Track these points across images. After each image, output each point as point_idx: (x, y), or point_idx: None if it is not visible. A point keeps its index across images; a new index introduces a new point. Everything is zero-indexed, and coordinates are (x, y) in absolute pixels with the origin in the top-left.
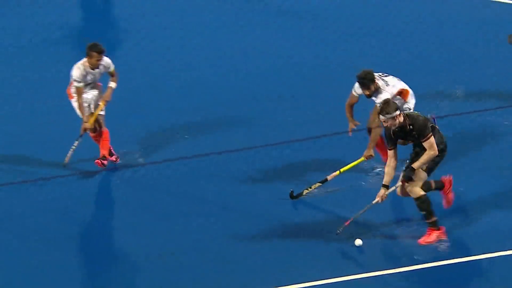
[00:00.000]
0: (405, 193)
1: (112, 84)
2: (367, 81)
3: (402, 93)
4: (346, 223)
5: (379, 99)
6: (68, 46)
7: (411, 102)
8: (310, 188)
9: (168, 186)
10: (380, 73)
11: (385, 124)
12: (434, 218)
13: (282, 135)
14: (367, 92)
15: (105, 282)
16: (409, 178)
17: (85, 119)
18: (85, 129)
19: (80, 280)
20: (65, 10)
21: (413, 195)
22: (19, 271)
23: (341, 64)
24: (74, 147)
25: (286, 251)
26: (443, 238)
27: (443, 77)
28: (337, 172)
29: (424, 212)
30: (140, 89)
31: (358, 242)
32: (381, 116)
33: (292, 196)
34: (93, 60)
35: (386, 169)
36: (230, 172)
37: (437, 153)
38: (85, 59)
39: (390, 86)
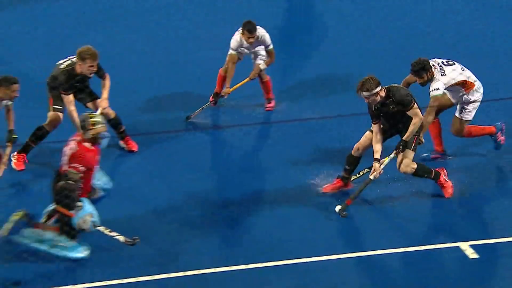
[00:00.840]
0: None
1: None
2: (418, 70)
3: (465, 85)
4: (347, 202)
5: (431, 88)
6: None
7: (474, 95)
8: (359, 174)
9: None
10: (444, 60)
11: (366, 101)
12: (435, 173)
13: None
14: (420, 81)
15: None
16: (404, 147)
17: (227, 84)
18: (224, 95)
19: None
20: None
21: (409, 172)
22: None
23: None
24: (205, 106)
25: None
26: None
27: None
28: (386, 158)
29: (426, 176)
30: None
31: (338, 208)
32: (362, 93)
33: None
34: (245, 37)
35: (373, 145)
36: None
37: (422, 119)
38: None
39: (446, 76)
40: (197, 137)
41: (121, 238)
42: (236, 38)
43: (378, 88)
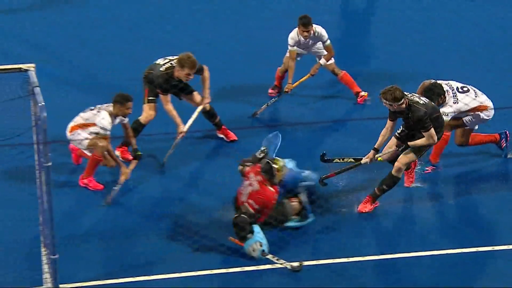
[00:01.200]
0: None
1: (322, 61)
2: (430, 96)
3: (477, 109)
4: (331, 175)
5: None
6: None
7: (484, 114)
8: (343, 159)
9: None
10: (459, 86)
11: (384, 105)
12: (382, 194)
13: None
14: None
15: None
16: (403, 150)
17: (289, 80)
18: (288, 90)
19: None
20: None
21: (394, 172)
22: None
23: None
24: (270, 103)
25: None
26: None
27: None
28: (386, 153)
29: (384, 187)
30: None
31: (289, 164)
32: (383, 99)
33: (322, 159)
34: (300, 31)
35: (381, 136)
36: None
37: (436, 142)
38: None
39: (458, 103)
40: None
41: (288, 265)
42: (293, 34)
43: (399, 102)
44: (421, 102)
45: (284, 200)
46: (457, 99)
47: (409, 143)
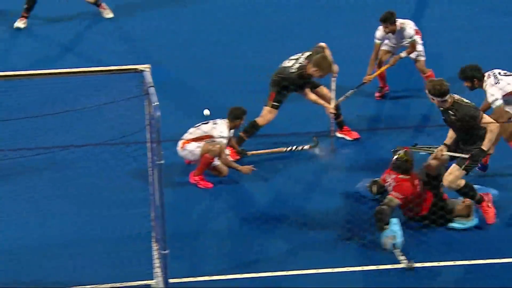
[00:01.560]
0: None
1: (403, 54)
2: (465, 77)
3: None
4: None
5: (489, 100)
6: None
7: None
8: (429, 147)
9: None
10: (503, 71)
11: (431, 101)
12: (478, 196)
13: None
14: (469, 85)
15: None
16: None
17: (368, 71)
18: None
19: None
20: None
21: (453, 188)
22: None
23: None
24: (349, 94)
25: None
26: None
27: None
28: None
29: (471, 195)
30: None
31: (206, 112)
32: (427, 93)
33: (412, 146)
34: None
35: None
36: None
37: (498, 127)
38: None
39: (500, 83)
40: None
41: (405, 264)
42: (380, 28)
43: (443, 98)
44: (466, 100)
45: (454, 200)
46: (498, 79)
47: (481, 147)
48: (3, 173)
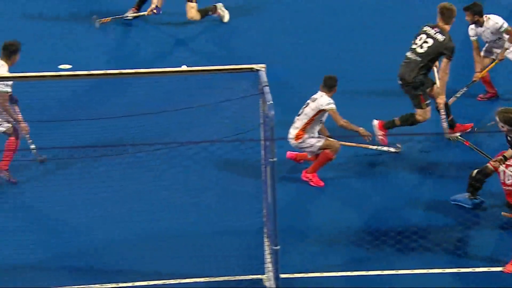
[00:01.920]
0: None
1: (507, 44)
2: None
3: None
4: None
5: None
6: None
7: None
8: (475, 148)
9: None
10: None
11: (501, 128)
12: None
13: None
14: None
15: None
16: None
17: (476, 69)
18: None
19: None
20: None
21: None
22: None
23: None
24: (459, 94)
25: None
26: None
27: None
28: None
29: None
30: None
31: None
32: (497, 119)
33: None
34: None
35: None
36: None
37: None
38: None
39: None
40: None
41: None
42: (471, 26)
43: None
44: None
45: None
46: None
47: None
48: (123, 167)
